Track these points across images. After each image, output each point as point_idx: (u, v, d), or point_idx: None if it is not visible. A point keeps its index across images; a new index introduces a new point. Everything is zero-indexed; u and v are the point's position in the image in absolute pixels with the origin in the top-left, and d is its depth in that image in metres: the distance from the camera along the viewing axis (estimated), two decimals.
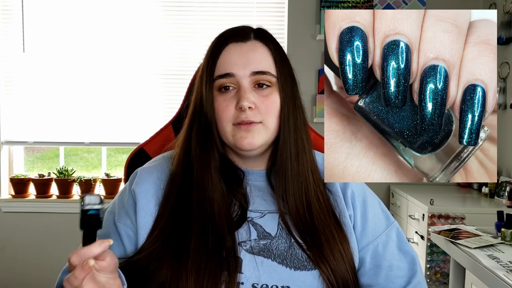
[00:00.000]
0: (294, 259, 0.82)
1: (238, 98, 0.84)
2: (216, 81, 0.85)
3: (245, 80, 0.84)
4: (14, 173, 3.19)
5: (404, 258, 0.91)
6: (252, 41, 0.87)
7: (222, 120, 0.85)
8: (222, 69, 0.85)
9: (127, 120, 3.08)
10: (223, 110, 0.85)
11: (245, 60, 0.85)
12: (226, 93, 0.85)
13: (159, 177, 0.89)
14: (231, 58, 0.85)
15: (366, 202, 0.92)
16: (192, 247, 0.79)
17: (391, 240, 0.91)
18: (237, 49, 0.86)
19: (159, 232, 0.82)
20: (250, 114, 0.84)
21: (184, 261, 0.78)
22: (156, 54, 3.06)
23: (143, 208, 0.86)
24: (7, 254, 3.09)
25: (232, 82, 0.85)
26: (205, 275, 0.77)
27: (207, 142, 0.87)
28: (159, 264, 0.79)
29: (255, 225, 0.85)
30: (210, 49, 0.88)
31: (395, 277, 0.89)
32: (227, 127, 0.85)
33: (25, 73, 3.08)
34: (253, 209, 0.87)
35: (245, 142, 0.84)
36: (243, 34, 0.87)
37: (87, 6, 3.05)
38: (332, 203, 0.90)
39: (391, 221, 0.94)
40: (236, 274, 0.78)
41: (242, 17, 3.01)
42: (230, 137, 0.85)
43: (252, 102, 0.83)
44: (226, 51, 0.86)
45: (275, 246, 0.83)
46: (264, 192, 0.89)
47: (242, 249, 0.81)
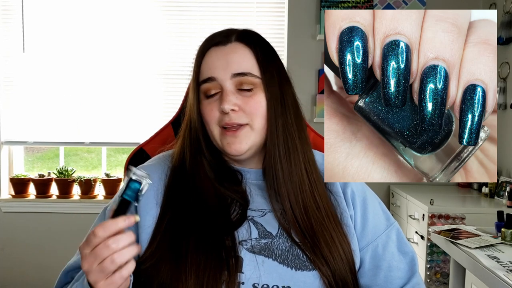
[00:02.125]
0: (295, 259, 0.82)
1: (221, 101, 0.84)
2: (201, 86, 0.87)
3: (227, 83, 0.85)
4: (14, 173, 3.19)
5: (404, 259, 0.91)
6: (233, 43, 0.87)
7: (208, 124, 0.87)
8: (205, 73, 0.86)
9: (127, 120, 3.08)
10: (208, 114, 0.86)
11: (225, 63, 0.85)
12: (211, 97, 0.86)
13: (159, 177, 0.90)
14: (211, 62, 0.86)
15: (366, 202, 0.92)
16: (191, 249, 0.78)
17: (391, 240, 0.91)
18: (217, 53, 0.86)
19: (160, 237, 0.82)
20: (234, 117, 0.84)
21: (183, 262, 0.78)
22: (156, 54, 3.06)
23: (143, 207, 0.86)
24: (7, 254, 3.09)
25: (216, 86, 0.85)
26: (204, 276, 0.76)
27: (196, 147, 0.89)
28: (159, 266, 0.79)
29: (256, 224, 0.84)
30: (196, 55, 0.90)
31: (394, 278, 0.89)
32: (214, 130, 0.86)
33: (25, 73, 3.08)
34: (254, 208, 0.86)
35: (232, 149, 0.85)
36: (224, 37, 0.88)
37: (87, 6, 3.05)
38: (333, 203, 0.89)
39: (391, 221, 0.94)
40: (237, 274, 0.78)
41: (242, 17, 3.01)
42: (218, 141, 0.87)
43: (234, 105, 0.84)
44: (208, 55, 0.87)
45: (276, 246, 0.82)
46: (263, 191, 0.89)
47: (242, 248, 0.81)
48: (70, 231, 3.03)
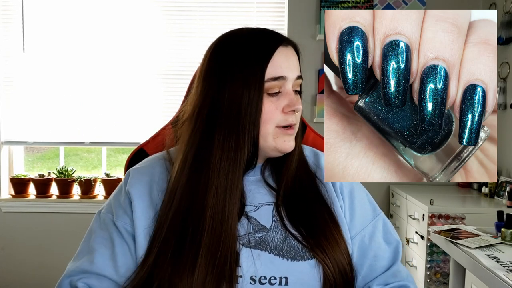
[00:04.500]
0: (290, 250, 0.83)
1: (289, 101, 0.85)
2: (267, 83, 0.83)
3: (291, 84, 0.86)
4: (14, 173, 3.19)
5: (388, 248, 0.93)
6: (290, 45, 0.88)
7: (267, 122, 0.84)
8: (276, 71, 0.84)
9: (127, 120, 3.08)
10: (272, 112, 0.84)
11: (293, 64, 0.87)
12: (274, 95, 0.85)
13: (152, 179, 0.89)
14: (284, 61, 0.85)
15: (353, 194, 0.94)
16: (199, 260, 0.78)
17: (377, 230, 0.93)
18: (287, 53, 0.86)
19: (162, 241, 0.82)
20: (295, 117, 0.87)
21: (185, 262, 0.78)
22: (156, 54, 3.06)
23: (139, 207, 0.86)
24: (7, 254, 3.09)
25: (280, 85, 0.85)
26: (207, 275, 0.78)
27: (237, 146, 0.82)
28: (161, 263, 0.80)
29: (250, 219, 0.86)
30: (255, 48, 0.84)
31: (378, 267, 0.91)
32: (270, 129, 0.85)
33: (25, 73, 3.08)
34: (248, 203, 0.88)
35: (288, 146, 0.87)
36: (285, 38, 0.88)
37: (87, 6, 3.05)
38: (324, 194, 0.91)
39: (377, 212, 0.96)
40: (236, 268, 0.80)
41: (242, 17, 3.01)
42: (271, 140, 0.85)
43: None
44: (278, 54, 0.85)
45: (271, 238, 0.84)
46: (258, 186, 0.90)
47: (238, 243, 0.82)
48: (70, 231, 3.03)
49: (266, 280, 0.81)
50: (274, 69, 0.83)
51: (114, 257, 0.85)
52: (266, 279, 0.81)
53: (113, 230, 0.87)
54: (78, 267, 0.86)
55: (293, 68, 0.86)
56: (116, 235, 0.86)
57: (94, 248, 0.86)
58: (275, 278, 0.81)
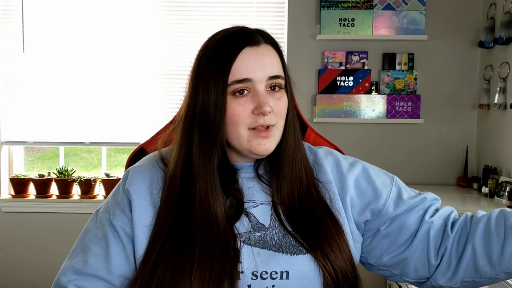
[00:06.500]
0: (289, 246, 0.84)
1: (258, 103, 0.83)
2: (231, 86, 0.83)
3: (262, 85, 0.84)
4: (14, 173, 3.19)
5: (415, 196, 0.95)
6: (264, 44, 0.86)
7: (237, 125, 0.84)
8: (239, 74, 0.83)
9: (127, 120, 3.08)
10: (239, 115, 0.83)
11: (262, 65, 0.84)
12: (241, 97, 0.84)
13: (151, 177, 0.90)
14: (248, 63, 0.83)
15: (366, 172, 0.95)
16: (196, 258, 0.79)
17: (399, 190, 0.95)
18: (253, 54, 0.84)
19: (162, 242, 0.82)
20: (267, 118, 0.84)
21: (186, 262, 0.79)
22: (156, 54, 3.06)
23: (139, 205, 0.87)
24: (7, 254, 3.09)
25: (249, 86, 0.84)
26: (207, 274, 0.78)
27: (211, 148, 0.85)
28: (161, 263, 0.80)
29: (249, 215, 0.86)
30: (221, 51, 0.85)
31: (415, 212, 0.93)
32: (242, 131, 0.84)
33: (25, 73, 3.08)
34: (247, 200, 0.88)
35: (263, 149, 0.85)
36: (255, 37, 0.86)
37: (87, 6, 3.05)
38: (321, 190, 0.91)
39: (390, 175, 0.98)
40: (237, 264, 0.80)
41: (242, 17, 3.01)
42: (245, 142, 0.85)
43: (270, 106, 0.84)
44: (242, 55, 0.84)
45: (270, 237, 0.85)
46: (254, 184, 0.91)
47: (239, 241, 0.83)
48: (70, 231, 3.02)
49: (268, 275, 0.81)
50: (238, 72, 0.83)
51: (108, 257, 0.85)
52: (267, 274, 0.81)
53: (109, 230, 0.87)
54: (72, 266, 0.86)
55: (262, 68, 0.84)
56: (112, 235, 0.87)
57: (88, 247, 0.87)
58: (276, 273, 0.82)
